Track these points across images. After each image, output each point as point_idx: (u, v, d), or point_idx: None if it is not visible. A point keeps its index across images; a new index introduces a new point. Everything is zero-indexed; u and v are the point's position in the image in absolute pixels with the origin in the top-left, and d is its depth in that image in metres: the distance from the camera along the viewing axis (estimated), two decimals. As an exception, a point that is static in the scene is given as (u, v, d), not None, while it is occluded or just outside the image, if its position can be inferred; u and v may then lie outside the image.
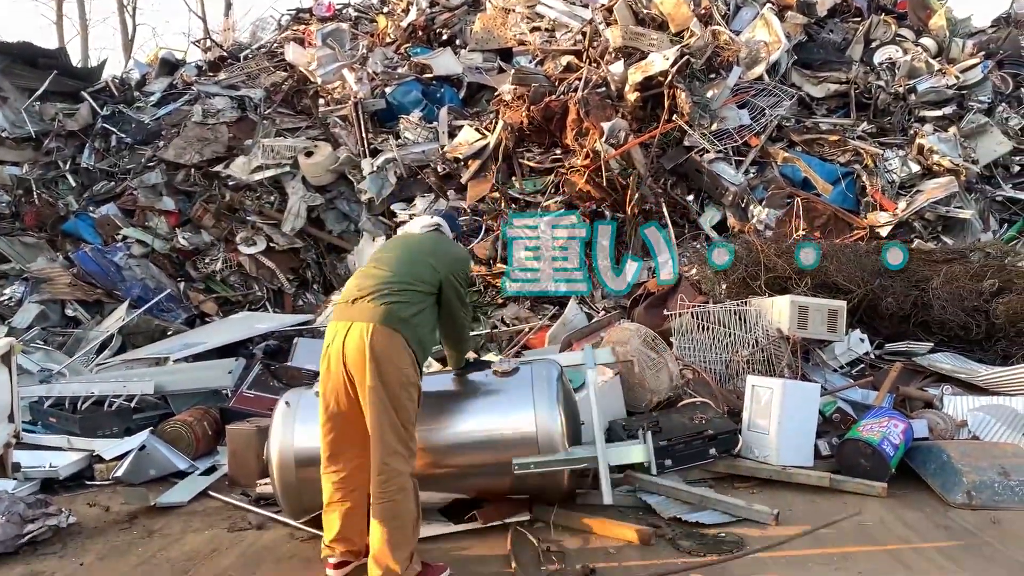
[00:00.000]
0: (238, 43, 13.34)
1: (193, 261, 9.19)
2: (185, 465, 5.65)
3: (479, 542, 4.29)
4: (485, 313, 7.73)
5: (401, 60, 10.46)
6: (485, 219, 8.26)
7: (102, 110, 10.74)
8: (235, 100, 10.64)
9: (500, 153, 8.49)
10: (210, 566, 4.19)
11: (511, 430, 4.26)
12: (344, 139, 9.50)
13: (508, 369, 4.40)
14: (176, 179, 9.72)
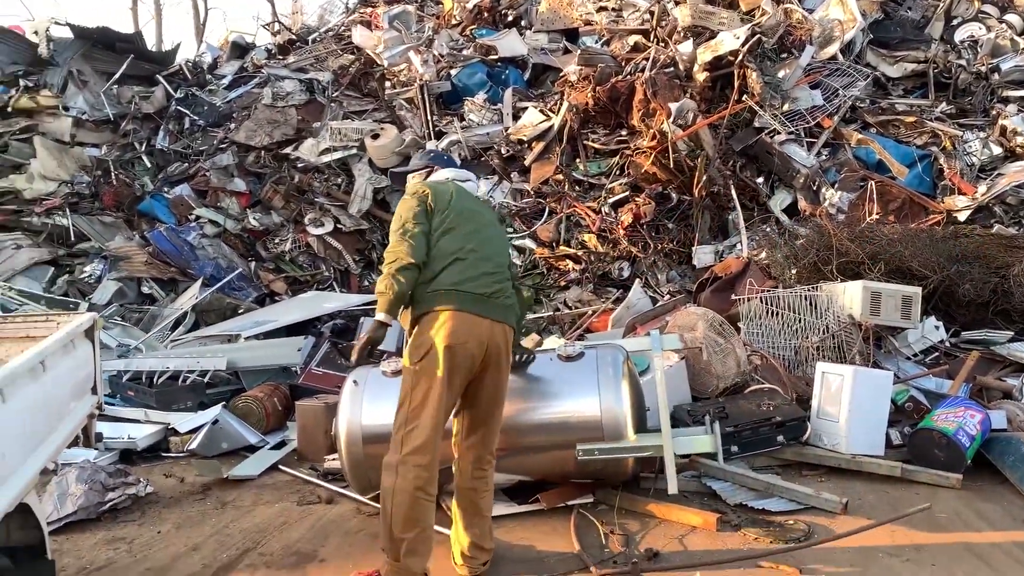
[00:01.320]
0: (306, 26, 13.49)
1: (263, 241, 9.39)
2: (256, 439, 5.81)
3: (543, 523, 4.32)
4: (547, 296, 7.73)
5: (466, 42, 10.46)
6: (548, 201, 8.24)
7: (176, 93, 11.02)
8: (303, 83, 10.80)
9: (564, 135, 8.44)
10: (280, 538, 4.31)
11: (576, 415, 4.26)
12: (410, 121, 9.57)
13: (573, 354, 4.39)
14: (247, 161, 9.93)
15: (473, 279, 3.53)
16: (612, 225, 7.68)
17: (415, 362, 3.44)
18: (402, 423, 3.44)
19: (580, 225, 8.00)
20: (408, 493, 3.34)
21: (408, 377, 3.49)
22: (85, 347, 3.45)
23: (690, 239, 7.65)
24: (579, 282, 7.64)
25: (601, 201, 7.92)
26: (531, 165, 8.56)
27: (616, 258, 7.66)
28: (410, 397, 3.44)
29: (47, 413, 2.92)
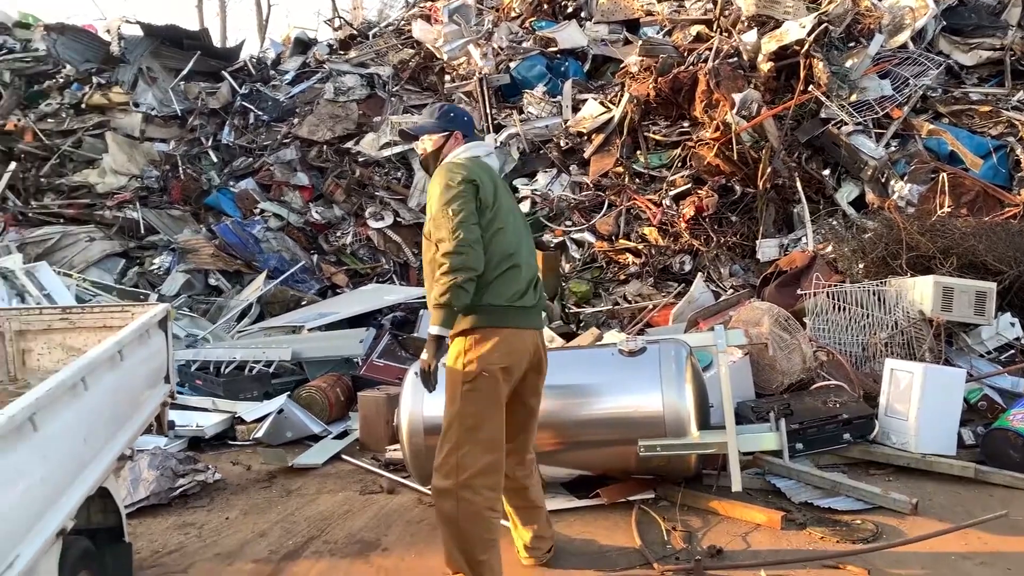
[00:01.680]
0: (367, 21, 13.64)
1: (325, 234, 9.52)
2: (319, 429, 5.91)
3: (603, 518, 4.31)
4: (606, 290, 7.69)
5: (526, 34, 10.44)
6: (608, 194, 8.19)
7: (241, 89, 11.24)
8: (364, 78, 10.92)
9: (625, 127, 8.37)
10: (344, 526, 4.38)
11: (637, 410, 4.23)
12: (469, 115, 9.59)
13: (635, 348, 4.36)
14: (309, 155, 10.08)
15: (524, 291, 3.31)
16: (673, 218, 7.59)
17: (468, 381, 3.18)
18: (455, 446, 3.19)
19: (640, 218, 7.92)
20: (481, 516, 3.19)
21: (457, 396, 3.21)
22: (159, 337, 3.55)
23: (754, 232, 7.52)
24: (639, 276, 7.57)
25: (662, 194, 7.83)
26: (590, 157, 8.51)
27: (677, 252, 7.57)
28: (460, 418, 3.19)
29: (124, 400, 3.02)
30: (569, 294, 7.65)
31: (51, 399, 2.32)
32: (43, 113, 10.38)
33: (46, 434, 2.26)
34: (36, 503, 2.19)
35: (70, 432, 2.47)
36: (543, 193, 8.45)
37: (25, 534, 2.10)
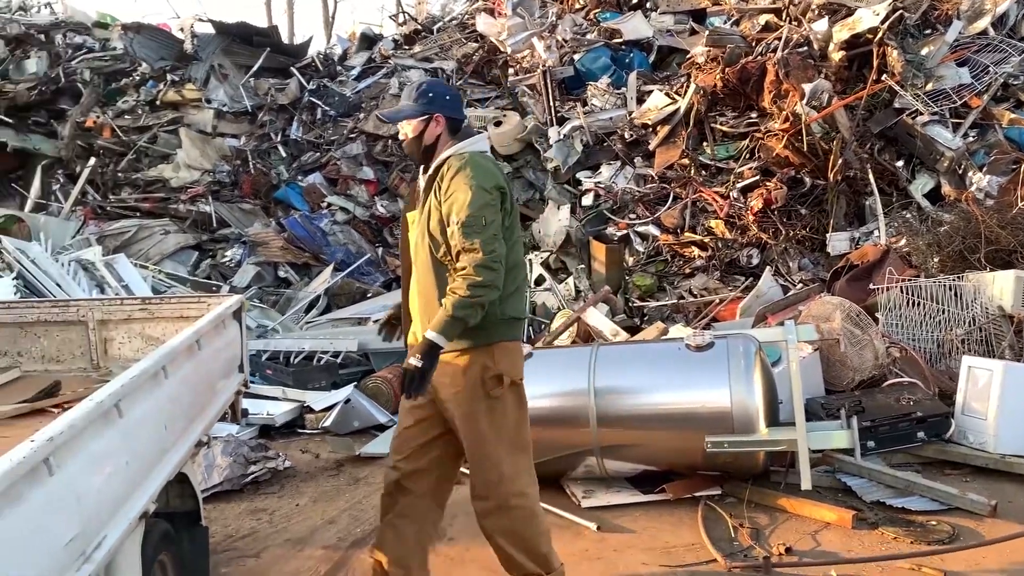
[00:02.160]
0: (431, 16, 13.73)
1: (390, 227, 9.63)
2: (385, 419, 6.00)
3: (668, 514, 4.28)
4: (671, 283, 7.61)
5: (590, 26, 10.38)
6: (673, 186, 8.09)
7: (309, 85, 11.43)
8: (428, 72, 11.00)
9: (691, 118, 8.25)
10: (410, 516, 4.43)
11: (705, 406, 4.20)
12: (532, 108, 9.58)
13: (702, 343, 4.32)
14: (375, 149, 10.20)
15: (523, 293, 3.16)
16: (741, 211, 7.47)
17: (494, 396, 2.99)
18: (495, 462, 3.04)
19: (707, 211, 7.81)
20: (535, 514, 3.14)
21: (482, 412, 2.99)
22: (233, 327, 3.64)
23: (824, 225, 7.35)
24: (705, 269, 7.48)
25: (729, 186, 7.71)
26: (655, 149, 8.42)
27: (745, 245, 7.44)
28: (497, 431, 3.02)
29: (202, 389, 3.11)
30: (633, 288, 7.59)
31: (135, 386, 2.40)
32: (120, 110, 10.72)
33: (130, 420, 2.34)
34: (121, 486, 2.27)
35: (152, 418, 2.55)
36: (607, 186, 8.40)
37: (111, 516, 2.18)
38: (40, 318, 3.93)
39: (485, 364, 2.94)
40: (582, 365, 4.47)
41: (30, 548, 1.74)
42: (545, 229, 8.63)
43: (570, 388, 4.44)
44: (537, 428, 4.48)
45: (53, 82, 10.59)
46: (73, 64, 10.90)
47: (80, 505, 1.98)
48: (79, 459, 2.01)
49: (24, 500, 1.75)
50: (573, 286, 7.96)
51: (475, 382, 2.95)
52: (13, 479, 1.68)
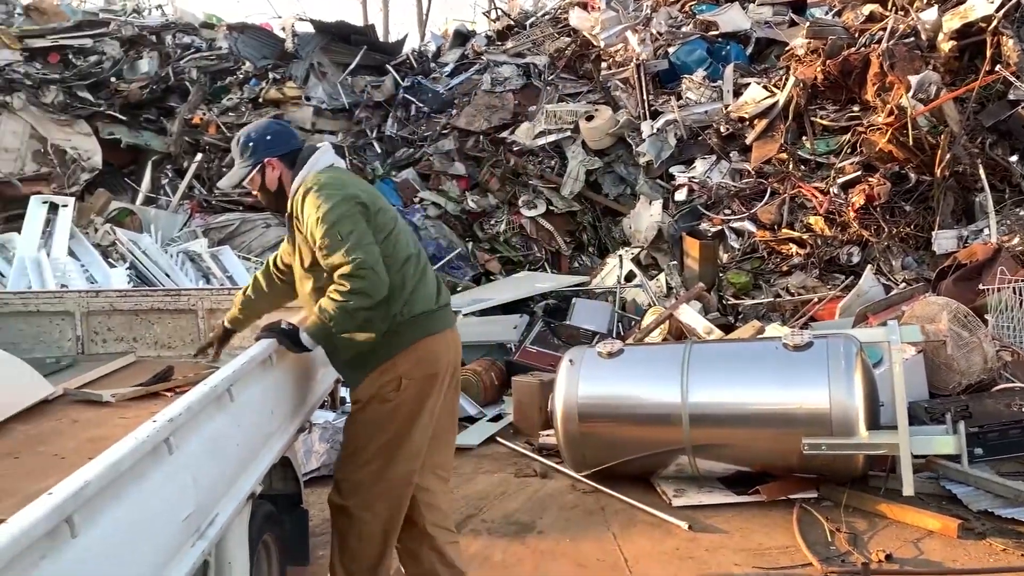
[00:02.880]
0: (524, 11, 13.77)
1: (480, 223, 9.73)
2: (475, 411, 6.08)
3: (762, 515, 4.20)
4: (767, 281, 7.44)
5: (686, 18, 10.22)
6: (770, 182, 7.90)
7: (403, 82, 11.64)
8: (521, 68, 11.04)
9: (790, 111, 8.03)
10: (500, 507, 4.49)
11: (802, 407, 4.10)
12: (624, 102, 9.51)
13: (800, 342, 4.22)
14: (466, 145, 10.31)
15: (432, 288, 3.14)
16: (841, 207, 7.23)
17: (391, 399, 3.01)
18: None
19: (805, 207, 7.59)
20: (374, 540, 3.04)
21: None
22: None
23: (929, 223, 7.04)
24: (803, 267, 7.28)
25: (829, 181, 7.47)
26: (752, 144, 8.24)
27: (845, 242, 7.21)
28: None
29: (304, 377, 3.21)
30: (727, 285, 7.46)
31: (245, 372, 2.51)
32: (225, 107, 11.14)
33: (241, 404, 2.45)
34: (231, 468, 2.37)
35: (260, 403, 2.66)
36: (701, 181, 8.28)
37: (222, 496, 2.29)
38: (154, 306, 4.14)
39: (386, 372, 2.94)
40: (675, 363, 4.43)
41: (152, 522, 1.85)
42: (636, 225, 8.57)
43: (662, 386, 4.41)
44: (628, 425, 4.53)
45: (163, 81, 11.08)
46: (181, 64, 11.38)
47: (195, 484, 2.08)
48: (195, 440, 2.11)
49: (147, 477, 1.85)
50: (664, 283, 7.88)
51: (375, 390, 2.96)
52: (138, 456, 1.78)
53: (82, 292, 4.34)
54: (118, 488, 1.71)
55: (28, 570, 1.41)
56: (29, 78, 10.21)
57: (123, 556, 1.71)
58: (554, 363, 5.90)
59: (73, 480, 1.55)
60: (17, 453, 2.67)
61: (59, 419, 3.03)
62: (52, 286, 6.86)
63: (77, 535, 1.53)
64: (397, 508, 3.02)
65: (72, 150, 10.01)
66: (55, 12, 11.47)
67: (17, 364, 3.32)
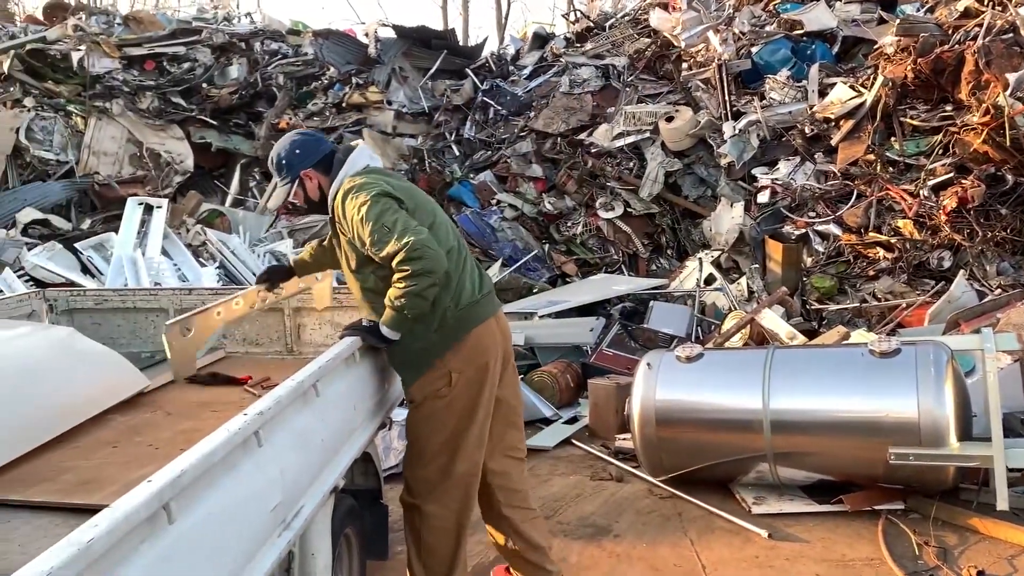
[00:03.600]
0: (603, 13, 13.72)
1: (557, 224, 9.74)
2: (550, 413, 6.09)
3: (845, 526, 4.09)
4: (853, 286, 7.23)
5: (769, 18, 10.02)
6: (857, 183, 7.68)
7: (482, 85, 11.75)
8: (599, 69, 11.01)
9: (878, 111, 7.79)
10: (575, 509, 4.49)
11: (889, 415, 3.97)
12: (705, 103, 9.39)
13: (887, 349, 4.09)
14: (544, 147, 10.34)
15: (473, 277, 3.20)
16: (932, 210, 6.97)
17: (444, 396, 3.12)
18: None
19: (893, 210, 7.35)
20: (448, 534, 3.18)
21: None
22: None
23: (1027, 227, 6.75)
24: (891, 272, 7.04)
25: (919, 183, 7.22)
26: (838, 145, 8.02)
27: (936, 246, 6.94)
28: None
29: (385, 374, 3.28)
30: (811, 289, 7.28)
31: (330, 368, 2.58)
32: (310, 112, 11.45)
33: (326, 400, 2.52)
34: (316, 461, 2.44)
35: (344, 399, 2.73)
36: (784, 182, 8.10)
37: (307, 489, 2.36)
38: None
39: (439, 369, 3.01)
40: (756, 368, 4.35)
41: (242, 511, 1.92)
42: (717, 227, 8.45)
43: (743, 391, 4.33)
44: (707, 431, 4.46)
45: (252, 87, 11.48)
46: (269, 69, 11.76)
47: (282, 476, 2.15)
48: (283, 434, 2.19)
49: (238, 468, 1.93)
50: (746, 286, 7.74)
51: (431, 388, 3.04)
52: (229, 448, 1.85)
53: (175, 290, 4.54)
54: (211, 477, 1.78)
55: (129, 554, 1.48)
56: (127, 85, 10.71)
57: (215, 543, 1.79)
58: (631, 366, 5.88)
59: (171, 469, 1.62)
60: (116, 442, 2.81)
61: (154, 411, 3.17)
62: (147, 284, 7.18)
63: (174, 521, 1.61)
64: (466, 500, 3.11)
65: (166, 153, 10.44)
66: (151, 21, 11.99)
67: (116, 358, 3.49)
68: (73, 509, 2.17)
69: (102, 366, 3.38)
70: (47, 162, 9.87)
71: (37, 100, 10.24)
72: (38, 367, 3.07)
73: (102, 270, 7.76)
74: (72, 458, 2.65)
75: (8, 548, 1.95)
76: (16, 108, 10.05)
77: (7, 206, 8.91)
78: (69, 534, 1.35)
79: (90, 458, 2.64)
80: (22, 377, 2.89)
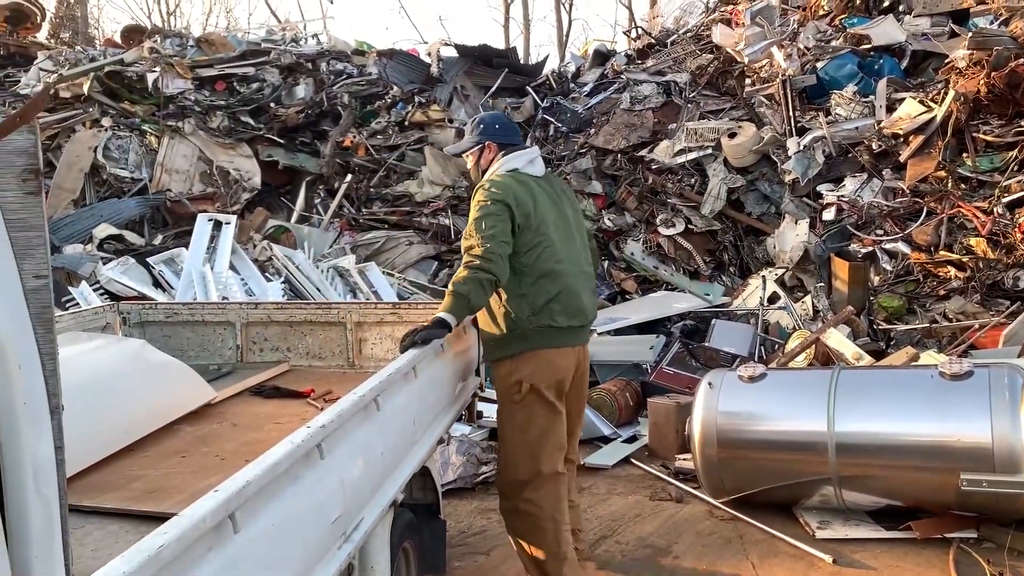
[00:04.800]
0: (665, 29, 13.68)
1: (616, 241, 9.70)
2: (609, 431, 6.04)
3: (914, 553, 3.96)
4: (923, 306, 7.02)
5: (835, 32, 9.86)
6: (927, 201, 7.47)
7: (542, 102, 11.80)
8: (661, 86, 10.96)
9: (949, 127, 7.58)
10: (634, 529, 4.44)
11: (960, 440, 3.85)
12: (769, 118, 9.27)
13: (959, 372, 3.96)
14: (604, 164, 10.33)
15: (578, 301, 3.43)
16: (1007, 228, 6.75)
17: (517, 401, 3.42)
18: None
19: (965, 227, 7.13)
20: (544, 528, 3.38)
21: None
22: (471, 334, 3.84)
23: (1110, 245, 6.47)
24: (963, 291, 6.82)
25: (993, 201, 6.99)
26: (907, 161, 7.82)
27: (1011, 265, 6.70)
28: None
29: (444, 389, 3.31)
30: (878, 309, 7.09)
31: (391, 383, 2.61)
32: (373, 130, 11.65)
33: (385, 414, 2.55)
34: (376, 475, 2.48)
35: (403, 413, 2.76)
36: (851, 199, 7.93)
37: (368, 501, 2.39)
38: (307, 318, 4.37)
39: (511, 371, 3.31)
40: (821, 389, 4.26)
41: (305, 522, 1.95)
42: (781, 244, 8.31)
43: (807, 413, 4.25)
44: (770, 452, 4.38)
45: (317, 106, 11.73)
46: (334, 89, 12.00)
47: (344, 488, 2.18)
48: (344, 447, 2.22)
49: (301, 479, 1.96)
50: (811, 305, 7.59)
51: (504, 387, 3.36)
52: (293, 460, 1.89)
53: (242, 304, 4.64)
54: (275, 488, 1.82)
55: (196, 561, 1.52)
56: (198, 104, 11.05)
57: (278, 552, 1.82)
58: (691, 385, 5.80)
59: (236, 479, 1.66)
60: (184, 452, 2.89)
61: (220, 422, 3.25)
62: (215, 298, 7.37)
63: (239, 530, 1.64)
64: (557, 496, 3.35)
65: (235, 171, 10.73)
66: (223, 43, 12.37)
67: (185, 370, 3.59)
68: (142, 516, 2.24)
69: (172, 378, 3.48)
70: (122, 179, 10.22)
71: (114, 120, 10.64)
72: (111, 378, 3.18)
73: (173, 284, 7.99)
74: (142, 467, 2.74)
75: (81, 552, 2.02)
76: (94, 128, 10.45)
77: (85, 222, 9.26)
78: (139, 541, 1.39)
79: (158, 467, 2.72)
80: (96, 388, 2.99)
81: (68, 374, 3.13)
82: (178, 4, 28.40)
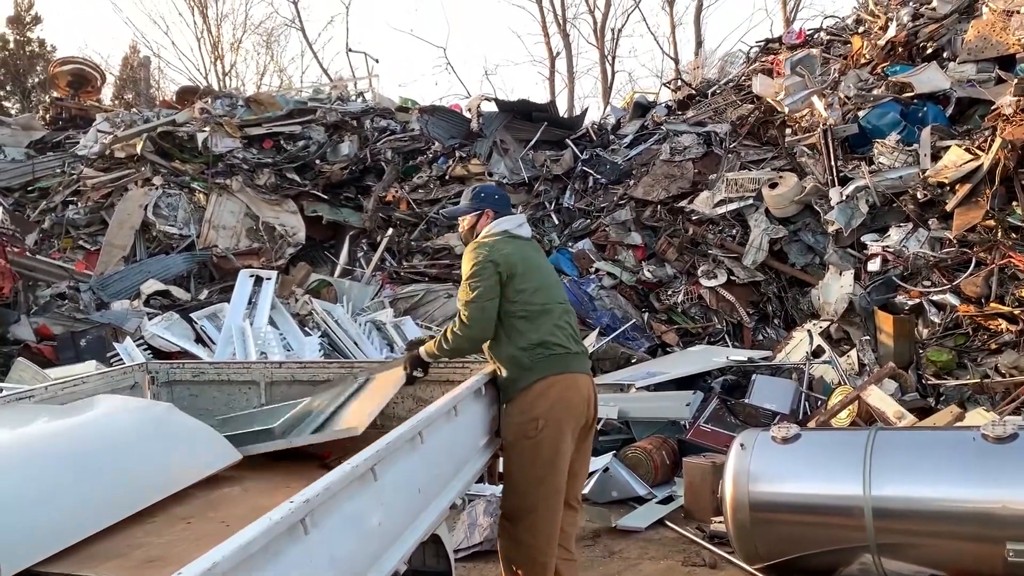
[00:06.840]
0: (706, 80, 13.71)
1: (656, 293, 9.60)
2: (643, 491, 5.87)
3: (961, 629, 3.72)
4: (974, 360, 6.75)
5: (877, 81, 9.74)
6: (976, 251, 7.24)
7: (582, 155, 11.86)
8: (701, 136, 10.93)
9: (996, 175, 7.38)
10: (663, 598, 4.27)
11: (1007, 507, 3.62)
12: (811, 168, 9.14)
13: (1003, 434, 3.75)
14: (643, 215, 10.28)
15: (564, 333, 3.64)
16: (1060, 279, 6.50)
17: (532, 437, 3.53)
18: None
19: (1017, 278, 6.88)
20: (535, 561, 3.49)
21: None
22: (492, 392, 3.77)
23: None
24: (1015, 345, 6.55)
25: (1045, 251, 6.76)
26: (954, 210, 7.62)
27: (1066, 318, 6.45)
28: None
29: (458, 453, 3.24)
30: (926, 363, 6.84)
31: (390, 451, 2.55)
32: (415, 185, 11.83)
33: (385, 483, 2.48)
34: (373, 546, 2.40)
35: (406, 482, 2.69)
36: (896, 250, 7.73)
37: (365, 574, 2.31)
38: (329, 377, 4.35)
39: (528, 407, 3.46)
40: (857, 450, 4.07)
41: (284, 602, 1.89)
42: (825, 296, 8.11)
43: (842, 475, 4.06)
44: (804, 517, 4.19)
45: (361, 162, 11.97)
46: (378, 145, 12.25)
47: (333, 563, 2.12)
48: (333, 519, 2.16)
49: (283, 555, 1.91)
50: (856, 359, 7.35)
51: (518, 424, 3.49)
52: (271, 537, 1.84)
53: (267, 363, 4.66)
54: (250, 567, 1.77)
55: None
56: (246, 162, 11.37)
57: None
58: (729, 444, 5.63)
59: (202, 562, 1.62)
60: (190, 518, 2.86)
61: (232, 486, 3.23)
62: (253, 353, 7.44)
63: (208, 616, 1.59)
64: (550, 534, 3.48)
65: (280, 227, 10.96)
66: (271, 103, 12.75)
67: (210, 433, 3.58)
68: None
69: (195, 442, 3.47)
70: (171, 236, 10.51)
71: (165, 178, 10.98)
72: (128, 444, 3.18)
73: (214, 339, 8.11)
74: (147, 534, 2.72)
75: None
76: (146, 186, 10.80)
77: (133, 278, 9.50)
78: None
79: (163, 534, 2.70)
80: (110, 453, 3.00)
81: (90, 439, 3.16)
82: (233, 64, 29.40)
